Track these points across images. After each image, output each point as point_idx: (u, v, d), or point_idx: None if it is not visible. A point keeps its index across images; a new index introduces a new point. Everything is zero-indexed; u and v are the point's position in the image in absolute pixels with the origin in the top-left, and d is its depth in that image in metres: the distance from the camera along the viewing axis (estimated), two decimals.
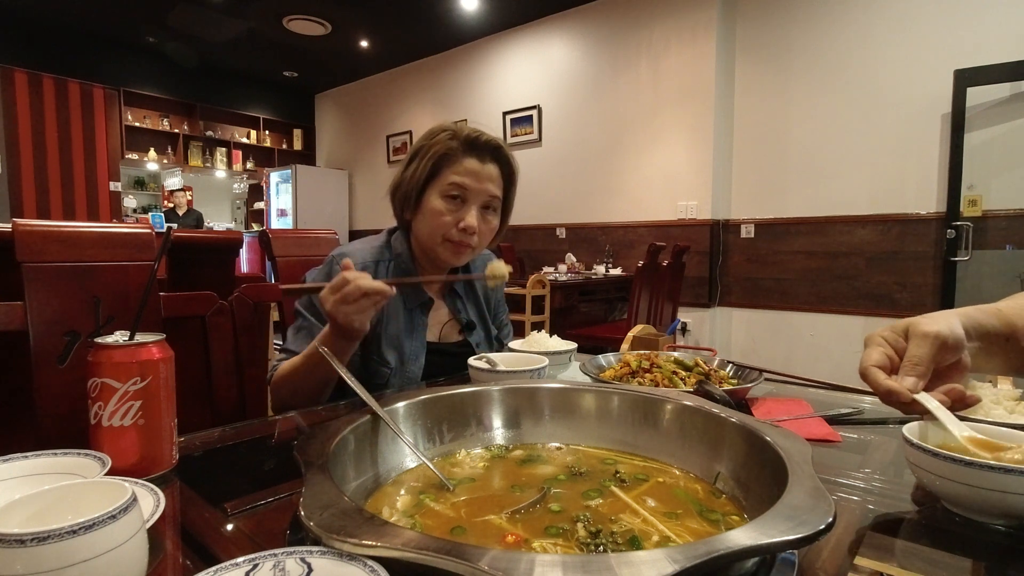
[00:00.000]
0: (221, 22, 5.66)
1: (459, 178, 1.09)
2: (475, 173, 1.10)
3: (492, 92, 5.87)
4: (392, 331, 1.12)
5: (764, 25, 4.23)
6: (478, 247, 1.15)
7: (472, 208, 1.10)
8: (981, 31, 3.41)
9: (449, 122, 1.16)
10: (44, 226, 0.94)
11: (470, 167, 1.10)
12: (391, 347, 1.11)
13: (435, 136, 1.12)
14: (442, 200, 1.10)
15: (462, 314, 1.22)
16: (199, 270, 1.72)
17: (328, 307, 0.89)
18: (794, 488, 0.42)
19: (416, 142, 1.16)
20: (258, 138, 7.99)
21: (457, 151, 1.10)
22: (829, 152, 3.97)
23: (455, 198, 1.10)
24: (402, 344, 1.12)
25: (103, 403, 0.57)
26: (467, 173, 1.09)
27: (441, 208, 1.09)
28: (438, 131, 1.14)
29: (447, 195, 1.10)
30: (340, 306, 0.88)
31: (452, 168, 1.10)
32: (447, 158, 1.10)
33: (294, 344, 1.06)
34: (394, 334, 1.12)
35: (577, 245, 5.18)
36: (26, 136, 6.01)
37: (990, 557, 0.47)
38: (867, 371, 0.64)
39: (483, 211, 1.13)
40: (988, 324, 0.67)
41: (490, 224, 1.15)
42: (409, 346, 1.12)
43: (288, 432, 0.80)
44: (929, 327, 0.63)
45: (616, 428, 0.68)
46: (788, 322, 4.22)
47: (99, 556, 0.34)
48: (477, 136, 1.11)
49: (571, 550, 0.45)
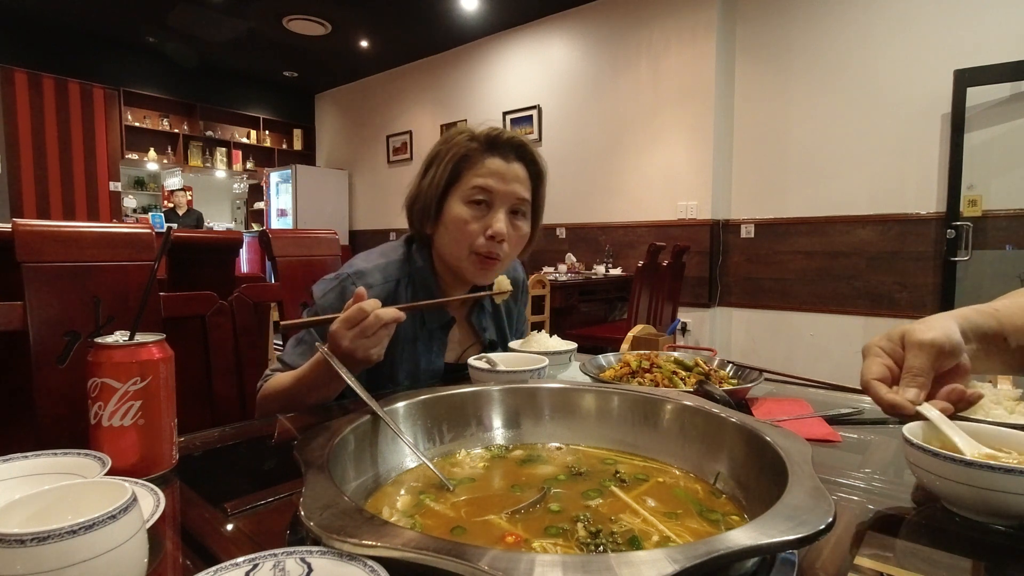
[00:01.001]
0: (221, 22, 5.66)
1: (482, 180, 0.99)
2: (500, 173, 0.99)
3: (492, 92, 5.87)
4: (408, 355, 1.03)
5: (764, 25, 4.24)
6: (507, 258, 1.03)
7: (499, 212, 0.99)
8: (981, 31, 3.41)
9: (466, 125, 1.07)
10: (44, 226, 0.94)
11: (494, 167, 0.99)
12: (406, 374, 1.03)
13: (452, 139, 1.03)
14: (465, 206, 0.99)
15: (487, 333, 1.13)
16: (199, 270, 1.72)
17: (346, 344, 0.79)
18: (794, 488, 0.42)
19: (432, 148, 1.07)
20: (258, 138, 7.99)
21: (478, 152, 1.00)
22: (829, 152, 3.97)
23: (480, 203, 0.99)
24: (418, 369, 1.03)
25: (103, 403, 0.57)
26: (491, 174, 0.99)
27: (465, 215, 0.99)
28: (455, 134, 1.04)
29: (470, 200, 0.99)
30: (359, 340, 0.79)
31: (474, 170, 1.00)
32: (467, 160, 1.00)
33: (292, 357, 0.97)
34: (410, 358, 1.03)
35: (577, 245, 5.18)
36: (26, 136, 6.01)
37: (990, 557, 0.47)
38: (869, 384, 0.64)
39: (511, 216, 1.02)
40: (985, 325, 0.67)
41: (520, 231, 1.04)
42: (426, 371, 1.04)
43: (288, 432, 0.80)
44: (924, 335, 0.63)
45: (616, 428, 0.68)
46: (788, 322, 4.22)
47: (99, 556, 0.34)
48: (498, 134, 1.02)
49: (571, 550, 0.45)
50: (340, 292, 0.99)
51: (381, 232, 7.14)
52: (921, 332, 0.64)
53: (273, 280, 1.40)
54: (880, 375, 0.64)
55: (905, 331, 0.66)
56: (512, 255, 1.06)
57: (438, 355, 1.07)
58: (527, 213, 1.05)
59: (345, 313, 0.80)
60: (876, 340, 0.68)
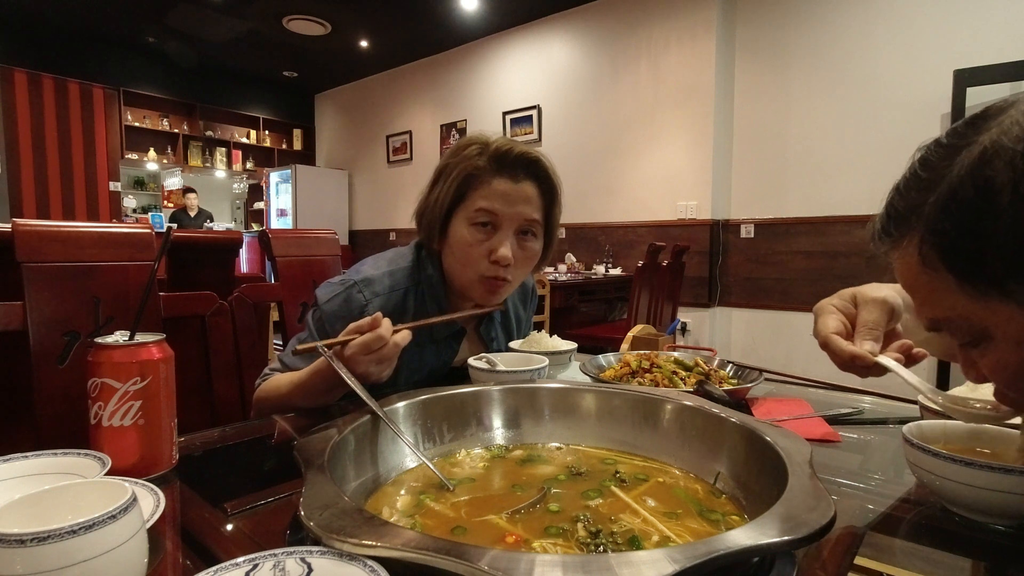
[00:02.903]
0: (221, 22, 5.66)
1: (487, 203, 0.94)
2: (506, 195, 0.95)
3: (492, 92, 5.87)
4: (416, 364, 1.01)
5: (764, 25, 4.23)
6: (516, 279, 1.01)
7: (505, 235, 0.96)
8: (981, 31, 3.41)
9: (483, 133, 1.01)
10: (44, 226, 0.94)
11: (500, 188, 0.95)
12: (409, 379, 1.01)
13: (462, 152, 0.98)
14: (469, 229, 0.96)
15: (495, 343, 1.13)
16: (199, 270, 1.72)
17: (361, 369, 0.77)
18: (794, 488, 0.42)
19: (443, 159, 1.02)
20: (258, 138, 7.99)
21: (485, 171, 0.96)
22: (829, 152, 3.97)
23: (485, 225, 0.96)
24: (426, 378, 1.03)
25: (103, 403, 0.57)
26: (497, 196, 0.95)
27: (468, 238, 0.96)
28: (466, 145, 0.99)
29: (475, 223, 0.95)
30: (375, 366, 0.79)
31: (480, 191, 0.96)
32: (474, 179, 0.96)
33: (292, 359, 0.95)
34: (419, 367, 1.02)
35: (577, 245, 5.18)
36: (26, 136, 6.01)
37: (990, 557, 0.47)
38: (828, 339, 0.66)
39: (520, 237, 0.98)
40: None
41: (529, 251, 1.00)
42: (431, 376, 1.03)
43: (288, 432, 0.80)
44: (877, 293, 0.67)
45: (616, 428, 0.68)
46: (788, 322, 4.21)
47: (99, 556, 0.34)
48: (508, 150, 0.96)
49: (571, 550, 0.45)
50: (346, 299, 0.97)
51: (381, 232, 7.14)
52: (874, 291, 0.68)
53: (273, 280, 1.40)
54: (837, 330, 0.67)
55: (856, 291, 0.69)
56: (522, 275, 1.03)
57: (447, 364, 1.06)
58: (539, 233, 1.02)
59: (363, 339, 0.78)
60: (829, 299, 0.71)
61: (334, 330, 0.93)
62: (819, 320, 0.69)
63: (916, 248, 0.45)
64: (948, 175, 0.43)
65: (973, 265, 0.42)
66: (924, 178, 0.45)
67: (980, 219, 0.40)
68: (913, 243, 0.46)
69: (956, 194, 0.42)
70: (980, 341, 0.46)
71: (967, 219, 0.41)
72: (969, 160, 0.41)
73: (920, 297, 0.48)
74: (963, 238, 0.42)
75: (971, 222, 0.41)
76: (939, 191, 0.43)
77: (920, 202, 0.45)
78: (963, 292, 0.43)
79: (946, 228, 0.42)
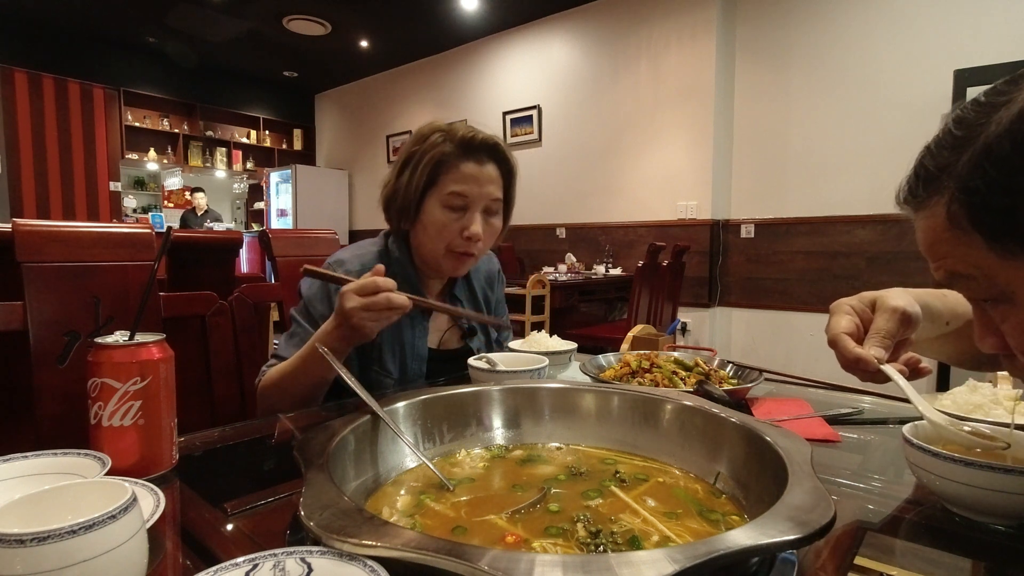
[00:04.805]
0: (221, 22, 5.66)
1: (459, 186, 1.04)
2: (475, 178, 1.05)
3: (492, 92, 5.87)
4: (393, 339, 1.08)
5: (764, 25, 4.23)
6: (481, 253, 1.12)
7: (475, 214, 1.06)
8: (981, 31, 3.41)
9: (438, 121, 1.11)
10: (44, 226, 0.94)
11: (469, 172, 1.05)
12: (392, 356, 1.08)
13: (427, 140, 1.07)
14: (443, 211, 1.05)
15: (463, 320, 1.20)
16: (199, 270, 1.72)
17: (348, 306, 0.84)
18: (794, 488, 0.42)
19: (406, 146, 1.11)
20: (258, 138, 7.99)
21: (453, 156, 1.05)
22: (829, 152, 3.97)
23: (457, 207, 1.06)
24: (404, 353, 1.09)
25: (103, 403, 0.57)
26: (467, 179, 1.05)
27: (443, 219, 1.05)
28: (428, 133, 1.08)
29: (448, 205, 1.05)
30: (363, 312, 0.84)
31: (451, 175, 1.05)
32: (444, 164, 1.05)
33: (286, 350, 1.01)
34: (395, 342, 1.09)
35: (577, 245, 5.17)
36: (26, 136, 6.01)
37: (990, 557, 0.47)
38: (837, 338, 0.66)
39: (485, 215, 1.09)
40: (935, 306, 0.72)
41: (493, 227, 1.11)
42: (411, 355, 1.10)
43: (288, 432, 0.80)
44: (896, 302, 0.67)
45: (616, 428, 0.68)
46: (788, 322, 4.21)
47: (99, 556, 0.34)
48: (472, 136, 1.06)
49: (571, 550, 0.45)
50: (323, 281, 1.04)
51: (381, 232, 7.13)
52: (893, 299, 0.67)
53: (273, 280, 1.40)
54: (848, 330, 0.67)
55: (877, 296, 0.69)
56: (486, 247, 1.14)
57: (421, 339, 1.12)
58: (499, 211, 1.13)
59: (361, 281, 0.86)
60: (846, 300, 0.71)
61: (316, 312, 1.03)
62: (832, 318, 0.69)
63: (944, 208, 0.44)
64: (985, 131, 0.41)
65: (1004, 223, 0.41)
66: (958, 136, 0.44)
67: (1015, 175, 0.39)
68: (941, 203, 0.45)
69: (991, 150, 0.40)
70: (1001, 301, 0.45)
71: (1002, 175, 0.40)
72: (1008, 116, 0.40)
73: (941, 254, 0.47)
74: (996, 195, 0.40)
75: (1006, 178, 0.40)
76: (973, 148, 0.42)
77: (952, 160, 0.44)
78: (991, 251, 0.42)
79: (978, 185, 0.41)
